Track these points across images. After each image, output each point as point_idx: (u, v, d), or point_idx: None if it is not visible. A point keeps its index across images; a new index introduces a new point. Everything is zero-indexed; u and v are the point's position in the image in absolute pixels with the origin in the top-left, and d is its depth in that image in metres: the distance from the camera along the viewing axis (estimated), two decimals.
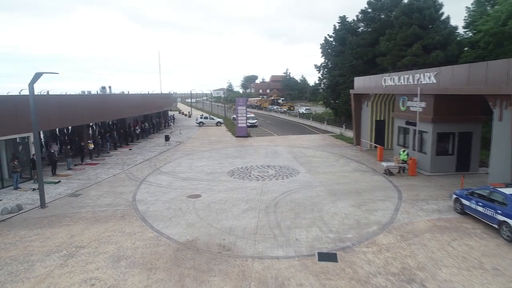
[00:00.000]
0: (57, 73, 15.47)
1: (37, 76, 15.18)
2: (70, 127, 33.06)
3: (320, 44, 52.87)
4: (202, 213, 14.98)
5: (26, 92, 18.71)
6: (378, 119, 30.00)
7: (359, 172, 22.19)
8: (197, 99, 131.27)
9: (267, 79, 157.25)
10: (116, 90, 48.82)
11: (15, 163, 19.06)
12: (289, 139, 37.88)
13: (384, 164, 21.56)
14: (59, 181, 20.74)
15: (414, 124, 22.34)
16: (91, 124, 38.69)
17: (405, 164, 21.11)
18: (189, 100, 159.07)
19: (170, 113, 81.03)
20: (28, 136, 21.04)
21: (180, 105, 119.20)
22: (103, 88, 54.16)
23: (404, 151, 21.74)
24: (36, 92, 18.06)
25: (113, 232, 13.11)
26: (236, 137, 40.26)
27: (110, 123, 42.43)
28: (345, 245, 11.86)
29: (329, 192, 17.83)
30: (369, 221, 13.93)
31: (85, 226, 13.83)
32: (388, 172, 20.96)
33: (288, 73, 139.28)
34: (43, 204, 16.13)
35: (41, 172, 16.23)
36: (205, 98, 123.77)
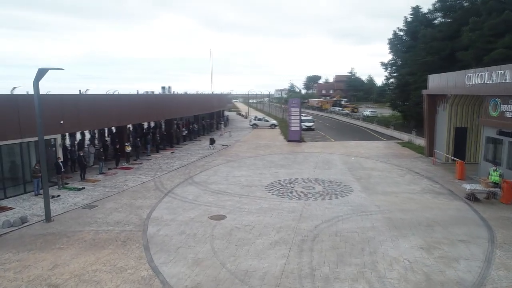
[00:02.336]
0: (62, 69, 13.48)
1: (41, 72, 13.27)
2: (113, 129, 32.22)
3: (388, 39, 47.21)
4: (219, 244, 11.85)
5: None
6: (458, 125, 24.44)
7: (431, 194, 17.45)
8: (259, 100, 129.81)
9: (331, 80, 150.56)
10: (179, 90, 47.90)
11: (36, 167, 17.67)
12: (347, 146, 33.38)
13: (467, 186, 16.59)
14: (83, 188, 19.10)
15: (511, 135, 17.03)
16: (130, 125, 38.01)
17: (497, 189, 15.96)
18: (251, 101, 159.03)
19: (227, 113, 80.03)
20: (55, 138, 19.76)
21: (241, 106, 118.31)
22: (163, 88, 54.33)
23: (496, 170, 16.53)
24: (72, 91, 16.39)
25: (103, 265, 10.52)
26: (288, 141, 36.74)
27: (153, 124, 41.45)
28: None
29: (388, 222, 13.63)
30: (446, 278, 9.65)
31: (78, 252, 11.47)
32: (473, 198, 15.99)
33: (353, 73, 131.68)
34: (48, 218, 14.26)
35: (46, 182, 14.37)
36: (267, 99, 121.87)
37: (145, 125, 41.24)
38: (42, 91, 14.93)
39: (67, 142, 30.67)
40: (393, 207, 15.38)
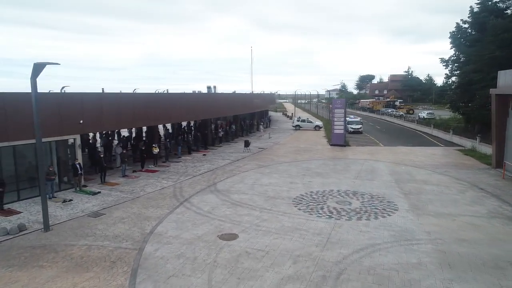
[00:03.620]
0: (59, 64, 12.11)
1: (38, 67, 12.03)
2: (144, 129, 31.38)
3: (450, 32, 42.07)
4: (219, 275, 9.67)
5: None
6: None
7: (501, 219, 13.87)
8: (308, 101, 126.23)
9: (385, 79, 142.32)
10: (228, 90, 46.64)
11: (50, 169, 16.79)
12: (397, 152, 29.63)
13: None
14: (99, 192, 17.97)
15: None
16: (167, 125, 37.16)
17: None
18: (299, 102, 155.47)
19: (271, 114, 77.98)
20: (74, 139, 18.86)
21: (289, 107, 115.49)
22: (208, 87, 53.61)
23: None
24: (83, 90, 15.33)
25: None
26: (331, 145, 33.69)
27: (185, 124, 40.41)
28: None
29: (441, 258, 10.57)
30: None
31: (57, 273, 9.92)
32: None
33: (410, 72, 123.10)
34: (46, 227, 13.04)
35: (44, 189, 13.13)
36: (315, 100, 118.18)
37: (183, 124, 40.39)
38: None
39: (98, 141, 30.45)
40: (448, 236, 12.19)
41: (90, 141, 28.23)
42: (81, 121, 18.65)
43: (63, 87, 25.95)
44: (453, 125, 41.69)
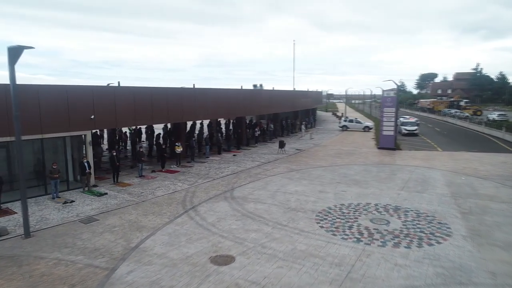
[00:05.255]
0: (33, 47, 10.48)
1: (14, 51, 10.54)
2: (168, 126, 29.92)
3: None
4: None
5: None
6: None
7: None
8: (364, 101, 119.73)
9: (450, 78, 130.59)
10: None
11: (54, 167, 15.59)
12: (458, 159, 25.15)
13: None
14: (106, 193, 16.52)
15: None
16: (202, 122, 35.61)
17: None
18: (353, 102, 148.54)
19: (320, 113, 74.33)
20: (84, 135, 17.64)
21: (342, 106, 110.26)
22: (254, 86, 51.91)
23: None
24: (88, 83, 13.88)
25: None
26: (378, 148, 29.87)
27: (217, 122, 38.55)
28: None
29: None
30: None
31: None
32: None
33: (478, 70, 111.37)
34: (27, 233, 11.60)
35: (24, 191, 11.65)
36: (368, 100, 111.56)
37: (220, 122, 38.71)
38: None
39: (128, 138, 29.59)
40: None
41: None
42: (92, 116, 17.37)
43: (108, 84, 25.04)
44: None
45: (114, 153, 18.77)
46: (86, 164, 16.88)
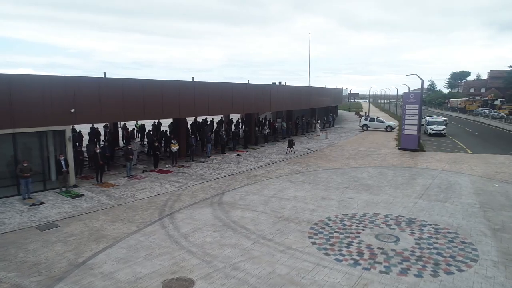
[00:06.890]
0: None
1: None
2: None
3: None
4: None
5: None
6: None
7: None
8: (390, 101, 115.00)
9: (484, 77, 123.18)
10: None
11: (24, 165, 14.11)
12: (491, 162, 22.06)
13: None
14: (82, 195, 14.91)
15: None
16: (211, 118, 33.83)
17: None
18: (380, 101, 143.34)
19: (342, 112, 71.31)
20: (64, 130, 16.13)
21: (367, 106, 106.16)
22: (273, 83, 49.97)
23: None
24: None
25: None
26: (399, 149, 27.07)
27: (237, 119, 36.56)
28: None
29: None
30: None
31: None
32: None
33: None
34: None
35: None
36: (393, 100, 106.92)
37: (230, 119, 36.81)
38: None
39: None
40: None
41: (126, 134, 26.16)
42: (73, 110, 15.84)
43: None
44: None
45: (98, 151, 17.17)
46: (63, 162, 15.34)
